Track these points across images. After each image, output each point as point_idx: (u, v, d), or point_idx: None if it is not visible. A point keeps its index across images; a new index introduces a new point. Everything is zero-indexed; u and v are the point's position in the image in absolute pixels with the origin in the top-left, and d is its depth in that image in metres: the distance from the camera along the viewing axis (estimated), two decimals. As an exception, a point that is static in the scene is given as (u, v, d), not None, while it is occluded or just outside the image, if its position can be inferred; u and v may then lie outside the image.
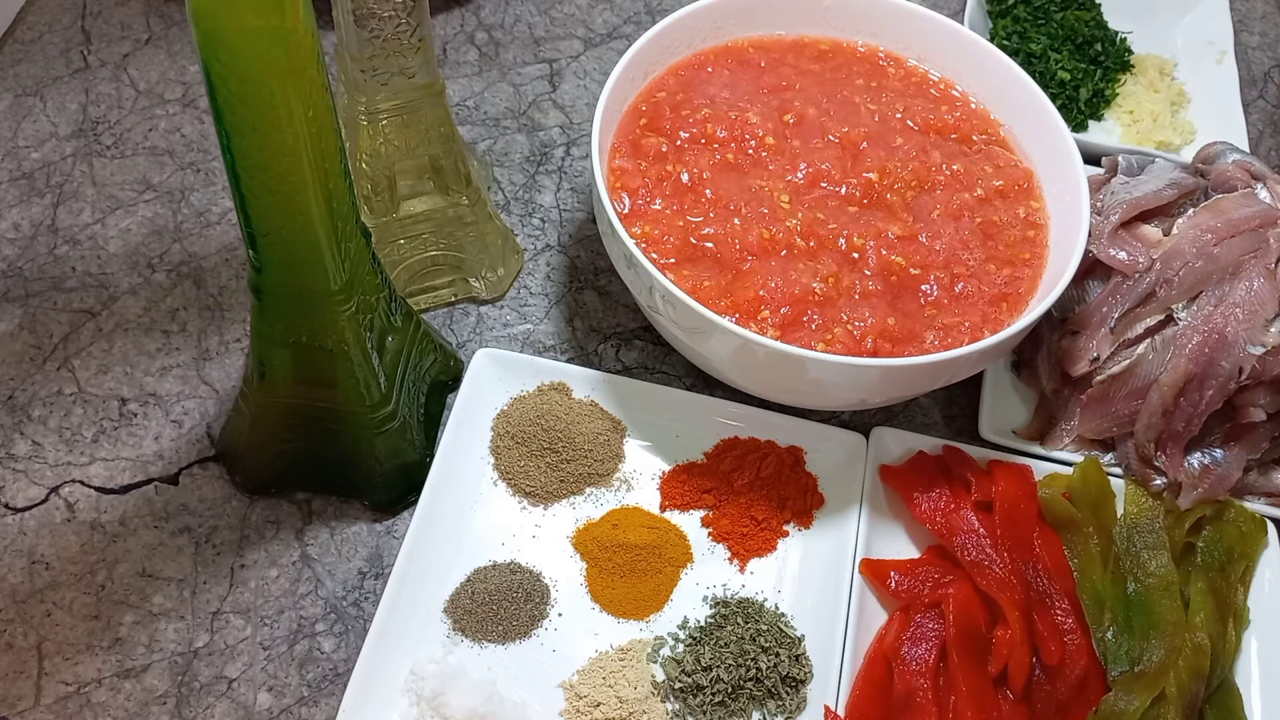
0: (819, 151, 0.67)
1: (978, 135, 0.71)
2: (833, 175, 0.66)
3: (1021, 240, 0.66)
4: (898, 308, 0.62)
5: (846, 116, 0.69)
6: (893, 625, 0.58)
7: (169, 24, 0.83)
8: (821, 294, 0.61)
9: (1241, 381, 0.60)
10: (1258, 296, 0.61)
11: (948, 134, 0.70)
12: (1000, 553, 0.59)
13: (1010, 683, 0.56)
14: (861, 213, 0.65)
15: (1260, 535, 0.62)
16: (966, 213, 0.66)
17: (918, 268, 0.63)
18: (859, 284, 0.62)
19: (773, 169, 0.67)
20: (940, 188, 0.67)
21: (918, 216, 0.66)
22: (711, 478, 0.63)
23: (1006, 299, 0.63)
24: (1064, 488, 0.62)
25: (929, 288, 0.63)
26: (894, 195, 0.66)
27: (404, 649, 0.57)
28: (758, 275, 0.61)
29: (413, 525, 0.59)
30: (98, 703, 0.56)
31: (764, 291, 0.61)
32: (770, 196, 0.65)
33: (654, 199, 0.65)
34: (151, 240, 0.72)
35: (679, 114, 0.68)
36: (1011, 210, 0.67)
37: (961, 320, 0.62)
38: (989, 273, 0.64)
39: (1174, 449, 0.62)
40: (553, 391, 0.65)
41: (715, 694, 0.56)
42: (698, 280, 0.61)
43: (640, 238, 0.63)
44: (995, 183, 0.68)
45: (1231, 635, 0.59)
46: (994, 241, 0.66)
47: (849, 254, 0.63)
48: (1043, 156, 0.69)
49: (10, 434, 0.64)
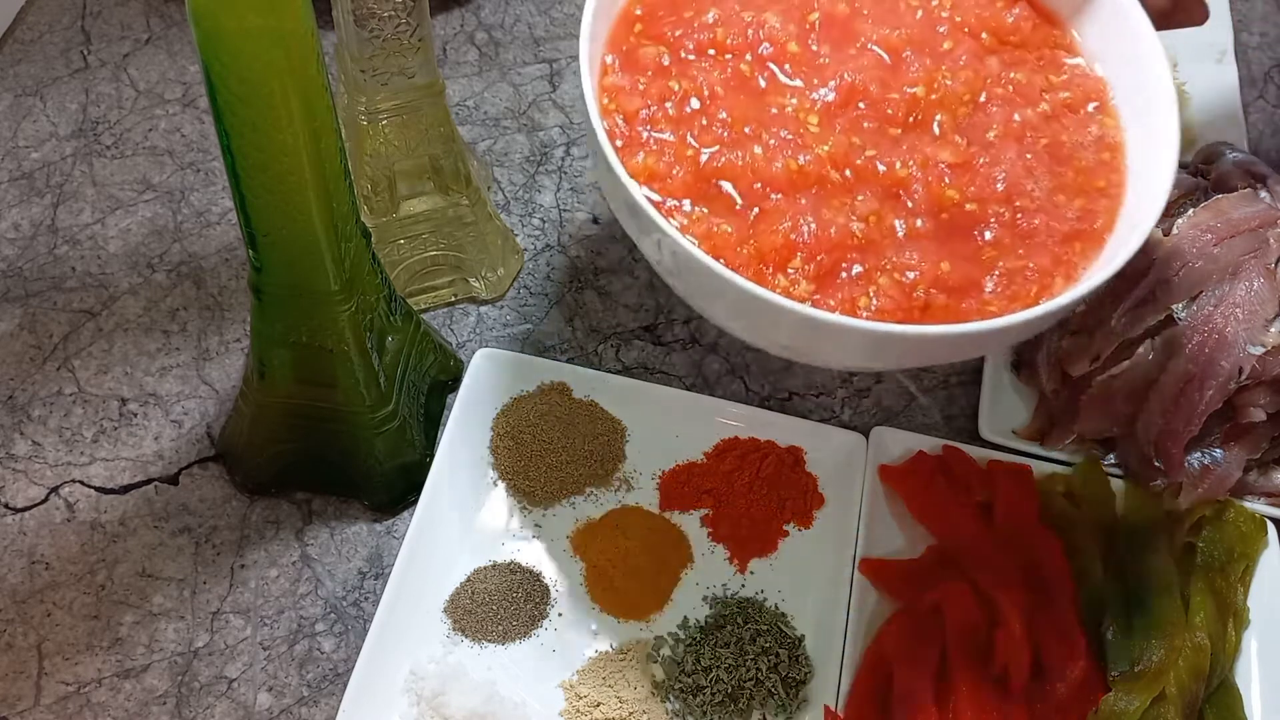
0: (852, 60, 0.56)
1: (1040, 36, 0.60)
2: (870, 90, 0.55)
3: (1096, 165, 0.56)
4: (952, 250, 0.53)
5: (884, 15, 0.58)
6: (893, 625, 0.58)
7: (169, 24, 0.83)
8: (861, 236, 0.52)
9: (1241, 381, 0.60)
10: (1258, 296, 0.61)
11: (1005, 36, 0.59)
12: (1000, 553, 0.59)
13: (1010, 683, 0.56)
14: (905, 135, 0.55)
15: (1260, 535, 0.62)
16: (1030, 132, 0.56)
17: (974, 202, 0.54)
18: (904, 223, 0.53)
19: (797, 83, 0.56)
20: (998, 102, 0.56)
21: (972, 139, 0.55)
22: (711, 478, 0.63)
23: (1080, 237, 0.54)
24: (1064, 488, 0.62)
25: (988, 226, 0.53)
26: (944, 113, 0.56)
27: (404, 649, 0.57)
28: (785, 215, 0.52)
29: (413, 525, 0.59)
30: (98, 703, 0.56)
31: (794, 236, 0.51)
32: (796, 118, 0.55)
33: (656, 124, 0.54)
34: (151, 240, 0.72)
35: (680, 15, 0.57)
36: (1082, 129, 0.57)
37: (1026, 263, 0.53)
38: (1058, 205, 0.54)
39: (1174, 449, 0.62)
40: (552, 391, 0.65)
41: (715, 694, 0.56)
42: (712, 224, 0.52)
43: (641, 172, 0.53)
44: (1062, 95, 0.57)
45: (1231, 635, 0.59)
46: (1063, 167, 0.55)
47: (892, 187, 0.54)
48: (1118, 62, 0.58)
49: (10, 434, 0.64)
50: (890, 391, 0.70)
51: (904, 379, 0.70)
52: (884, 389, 0.70)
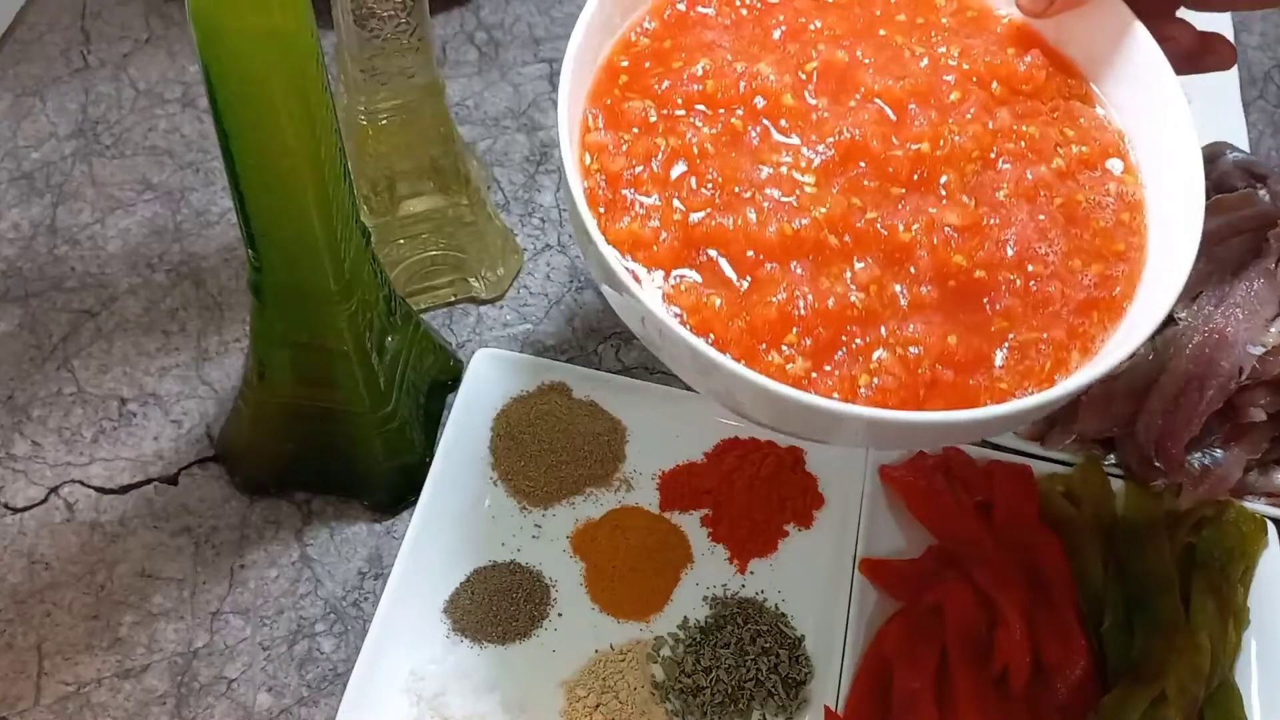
0: (852, 114, 0.51)
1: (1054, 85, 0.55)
2: (871, 147, 0.51)
3: (1114, 226, 0.51)
4: (959, 321, 0.48)
5: (886, 64, 0.53)
6: (893, 625, 0.58)
7: (169, 24, 0.83)
8: (861, 307, 0.47)
9: (1242, 381, 0.60)
10: (1258, 296, 0.61)
11: (1017, 85, 0.54)
12: (1000, 553, 0.59)
13: (1010, 683, 0.56)
14: (909, 195, 0.50)
15: (1260, 535, 0.62)
16: (1043, 191, 0.51)
17: (983, 268, 0.49)
18: (908, 291, 0.48)
19: (793, 140, 0.51)
20: (1009, 158, 0.51)
21: (981, 199, 0.50)
22: (711, 478, 0.63)
23: (1097, 306, 0.49)
24: (1064, 488, 0.62)
25: (998, 294, 0.49)
26: (951, 171, 0.51)
27: (404, 649, 0.57)
28: (779, 285, 0.47)
29: (412, 525, 0.59)
30: (97, 703, 0.56)
31: (789, 308, 0.47)
32: (791, 178, 0.50)
33: (642, 185, 0.49)
34: (151, 240, 0.72)
35: (669, 65, 0.52)
36: (1100, 186, 0.52)
37: (1039, 335, 0.48)
38: (1073, 270, 0.49)
39: (1174, 449, 0.62)
40: (552, 392, 0.65)
41: (715, 694, 0.56)
42: (702, 295, 0.47)
43: (625, 239, 0.48)
44: (1077, 149, 0.52)
45: (1231, 635, 0.58)
46: (1079, 229, 0.51)
47: (894, 252, 0.49)
48: (1138, 113, 0.53)
49: (10, 434, 0.64)
50: (890, 391, 0.70)
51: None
52: (884, 389, 0.70)
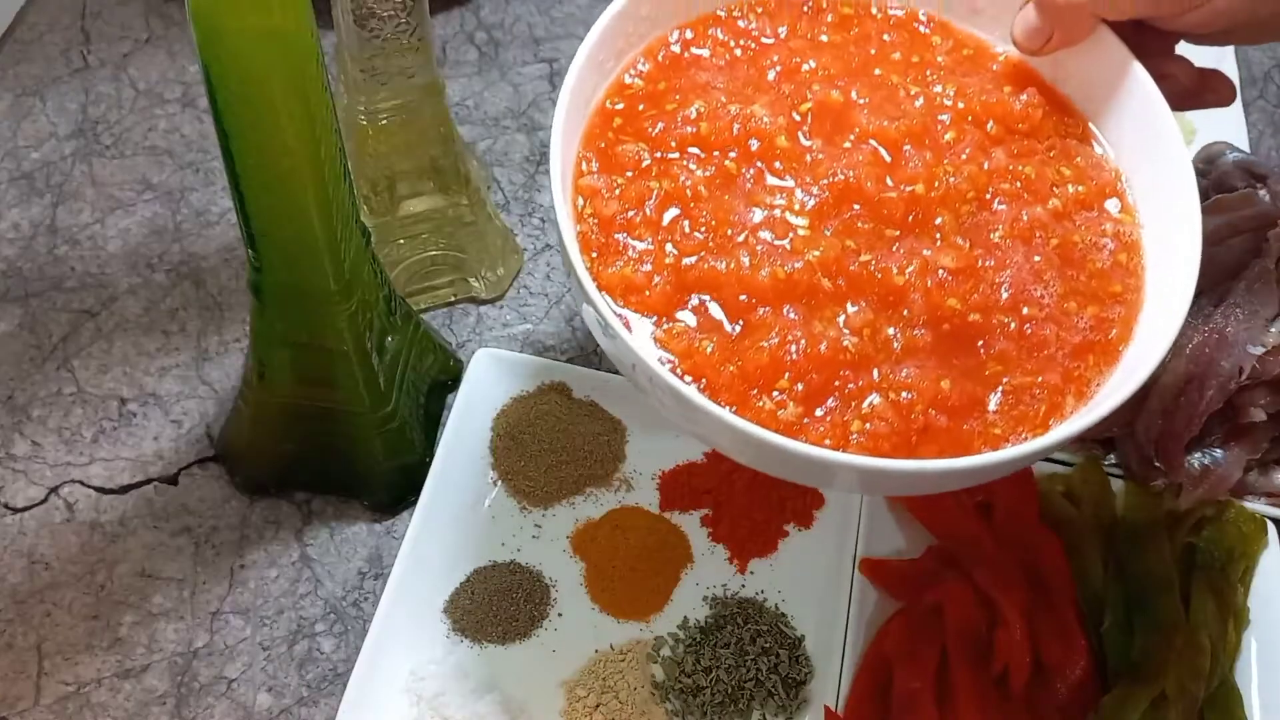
0: (846, 155, 0.51)
1: (1051, 124, 0.55)
2: (865, 189, 0.51)
3: (1111, 268, 0.51)
4: (952, 365, 0.48)
5: (881, 104, 0.53)
6: (893, 625, 0.58)
7: (169, 24, 0.83)
8: (854, 351, 0.47)
9: (1242, 381, 0.60)
10: (1258, 296, 0.61)
11: (1012, 124, 0.54)
12: (1000, 553, 0.59)
13: (1010, 683, 0.56)
14: (903, 238, 0.50)
15: (1260, 535, 0.61)
16: (1039, 232, 0.51)
17: (977, 311, 0.49)
18: (901, 335, 0.48)
19: (787, 183, 0.51)
20: (1004, 199, 0.51)
21: (975, 241, 0.50)
22: (711, 478, 0.63)
23: (1093, 349, 0.49)
24: (1064, 487, 0.62)
25: (993, 338, 0.49)
26: (945, 213, 0.51)
27: (404, 649, 0.57)
28: (772, 330, 0.47)
29: (412, 525, 0.59)
30: (97, 703, 0.56)
31: (781, 353, 0.46)
32: (785, 221, 0.50)
33: (634, 229, 0.49)
34: (151, 240, 0.72)
35: (662, 107, 0.53)
36: (1096, 227, 0.52)
37: (1034, 379, 0.48)
38: (1069, 313, 0.49)
39: (1174, 449, 0.62)
40: (552, 392, 0.65)
41: (715, 694, 0.56)
42: (693, 340, 0.47)
43: (617, 284, 0.48)
44: (1074, 189, 0.52)
45: (1231, 635, 0.58)
46: (1075, 270, 0.51)
47: (888, 295, 0.49)
48: (1135, 152, 0.53)
49: (10, 434, 0.64)
50: (890, 391, 0.70)
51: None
52: (884, 389, 0.70)
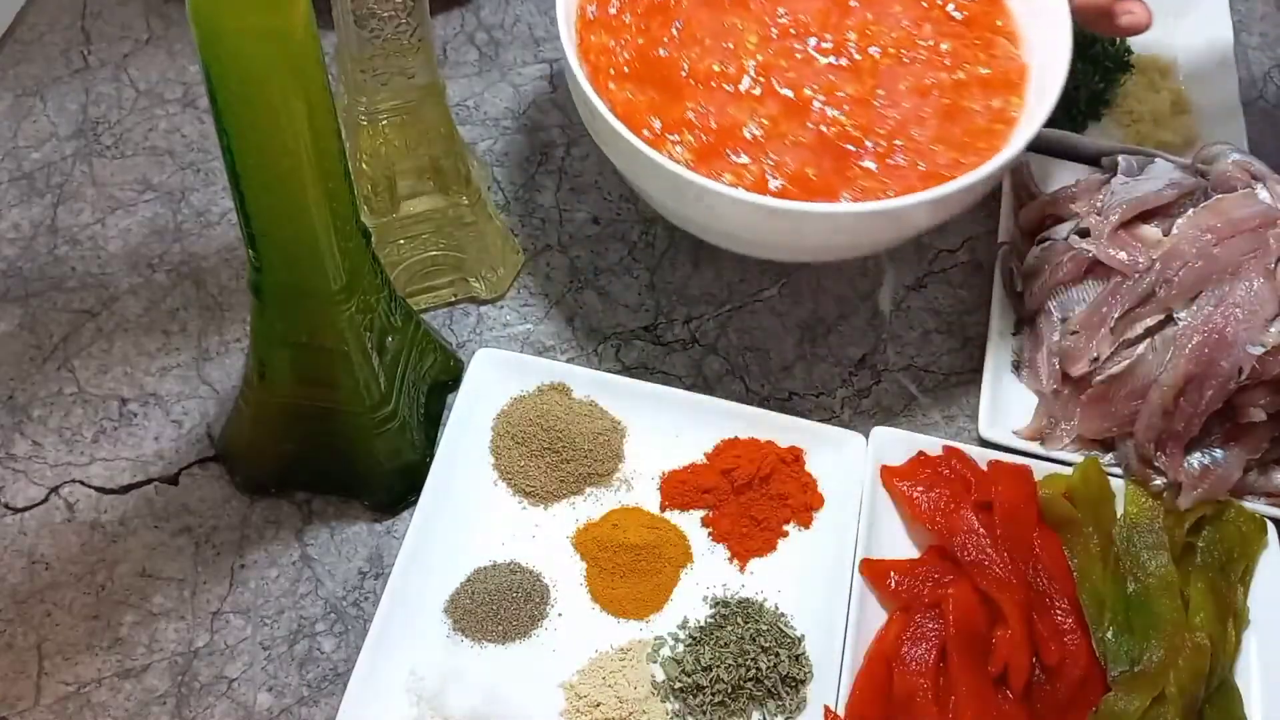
0: (808, 3, 0.67)
1: (988, 21, 0.68)
2: (810, 26, 0.66)
3: (985, 131, 0.63)
4: (822, 163, 0.61)
5: None
6: (893, 625, 0.58)
7: (169, 24, 0.83)
8: (752, 137, 0.61)
9: (1241, 382, 0.60)
10: (1258, 296, 0.61)
11: (952, 13, 0.68)
12: (1000, 553, 0.59)
13: (1010, 683, 0.56)
14: (827, 69, 0.65)
15: (1260, 535, 0.62)
16: (937, 91, 0.65)
17: (859, 129, 0.62)
18: (794, 133, 0.62)
19: (753, 8, 0.66)
20: (919, 63, 0.65)
21: (880, 83, 0.64)
22: (711, 477, 0.63)
23: (933, 179, 0.60)
24: (1064, 488, 0.62)
25: (863, 151, 0.62)
26: (866, 59, 0.65)
27: (404, 649, 0.57)
28: (696, 101, 0.62)
29: (413, 525, 0.59)
30: (98, 703, 0.56)
31: (693, 115, 0.61)
32: (739, 33, 0.65)
33: (623, 11, 0.65)
34: (151, 240, 0.72)
35: None
36: (987, 101, 0.65)
37: (885, 188, 0.60)
38: (933, 152, 0.62)
39: (1174, 449, 0.62)
40: (553, 391, 0.65)
41: (715, 694, 0.56)
42: (638, 95, 0.62)
43: (592, 48, 0.63)
44: (981, 70, 0.66)
45: (1231, 635, 0.59)
46: (953, 125, 0.63)
47: (796, 103, 0.63)
48: (1043, 53, 0.66)
49: (10, 434, 0.64)
50: (890, 391, 0.70)
51: (904, 379, 0.70)
52: (884, 389, 0.70)
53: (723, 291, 0.73)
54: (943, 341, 0.72)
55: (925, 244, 0.77)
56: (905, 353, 0.72)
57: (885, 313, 0.73)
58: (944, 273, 0.76)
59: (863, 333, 0.72)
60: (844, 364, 0.71)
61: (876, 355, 0.72)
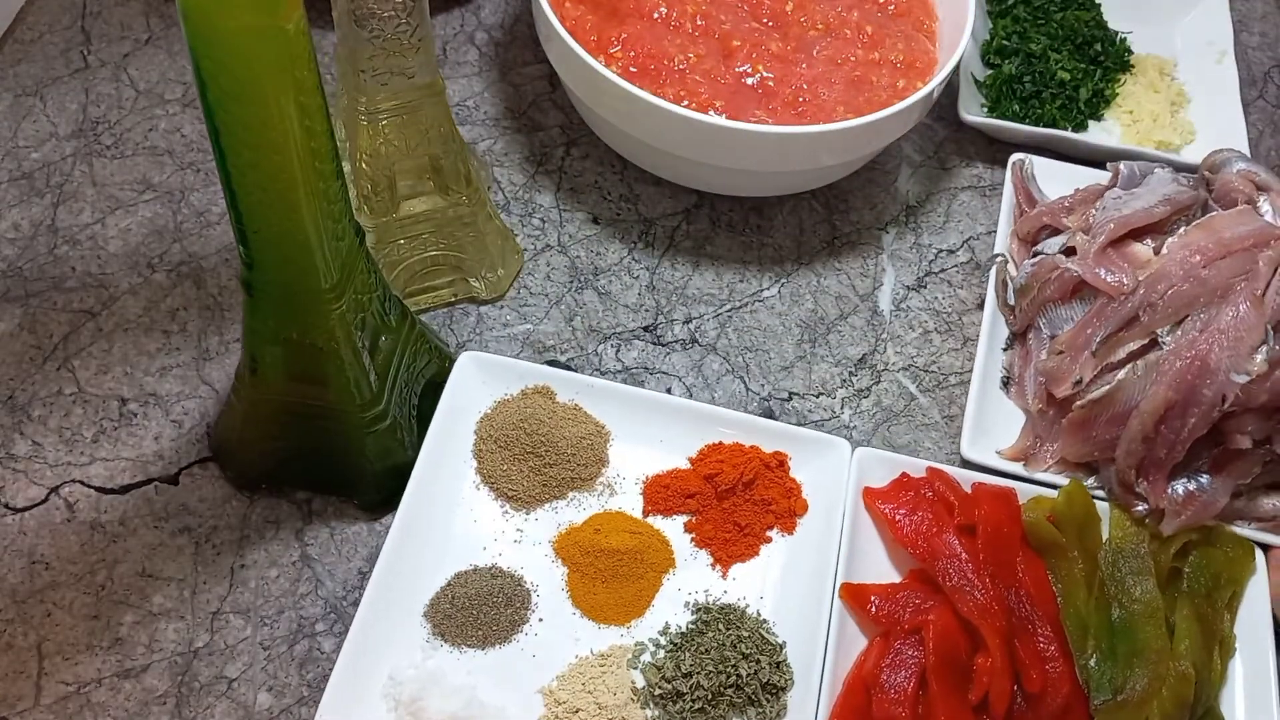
0: None
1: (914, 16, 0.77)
2: None
3: (883, 102, 0.70)
4: (734, 101, 0.69)
5: None
6: (872, 651, 0.57)
7: (169, 24, 0.83)
8: (678, 68, 0.70)
9: (1225, 409, 0.59)
10: (1244, 322, 0.59)
11: (886, 3, 0.77)
12: (982, 578, 0.58)
13: (991, 711, 0.55)
14: (760, 29, 0.74)
15: (1248, 561, 0.60)
16: (850, 63, 0.73)
17: (774, 79, 0.71)
18: (716, 72, 0.70)
19: None
20: (843, 40, 0.74)
21: (800, 47, 0.73)
22: (695, 483, 0.63)
23: None
24: (1049, 511, 0.61)
25: (772, 100, 0.70)
26: (796, 27, 0.75)
27: (383, 653, 0.57)
28: (632, 28, 0.71)
29: (393, 528, 0.59)
30: (98, 703, 0.57)
31: (627, 36, 0.70)
32: None
33: None
34: (151, 240, 0.72)
35: None
36: (893, 81, 0.73)
37: None
38: (834, 111, 0.70)
39: (1156, 476, 0.60)
40: (536, 395, 0.65)
41: (695, 700, 0.56)
42: (583, 13, 0.72)
43: None
44: (894, 57, 0.74)
45: (1217, 663, 0.57)
46: (857, 92, 0.71)
47: (724, 49, 0.72)
48: (947, 53, 0.73)
49: (10, 434, 0.64)
50: (890, 392, 0.70)
51: (904, 379, 0.70)
52: (884, 389, 0.70)
53: (723, 291, 0.73)
54: (942, 341, 0.72)
55: (925, 244, 0.77)
56: (905, 353, 0.72)
57: (885, 313, 0.73)
58: (944, 273, 0.75)
59: (863, 333, 0.72)
60: (844, 364, 0.71)
61: (876, 355, 0.71)
